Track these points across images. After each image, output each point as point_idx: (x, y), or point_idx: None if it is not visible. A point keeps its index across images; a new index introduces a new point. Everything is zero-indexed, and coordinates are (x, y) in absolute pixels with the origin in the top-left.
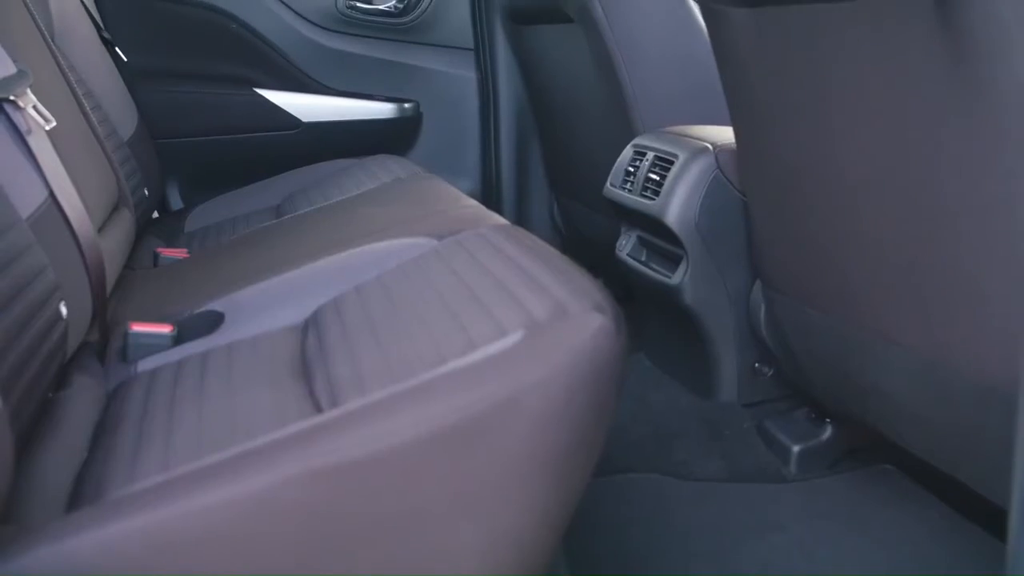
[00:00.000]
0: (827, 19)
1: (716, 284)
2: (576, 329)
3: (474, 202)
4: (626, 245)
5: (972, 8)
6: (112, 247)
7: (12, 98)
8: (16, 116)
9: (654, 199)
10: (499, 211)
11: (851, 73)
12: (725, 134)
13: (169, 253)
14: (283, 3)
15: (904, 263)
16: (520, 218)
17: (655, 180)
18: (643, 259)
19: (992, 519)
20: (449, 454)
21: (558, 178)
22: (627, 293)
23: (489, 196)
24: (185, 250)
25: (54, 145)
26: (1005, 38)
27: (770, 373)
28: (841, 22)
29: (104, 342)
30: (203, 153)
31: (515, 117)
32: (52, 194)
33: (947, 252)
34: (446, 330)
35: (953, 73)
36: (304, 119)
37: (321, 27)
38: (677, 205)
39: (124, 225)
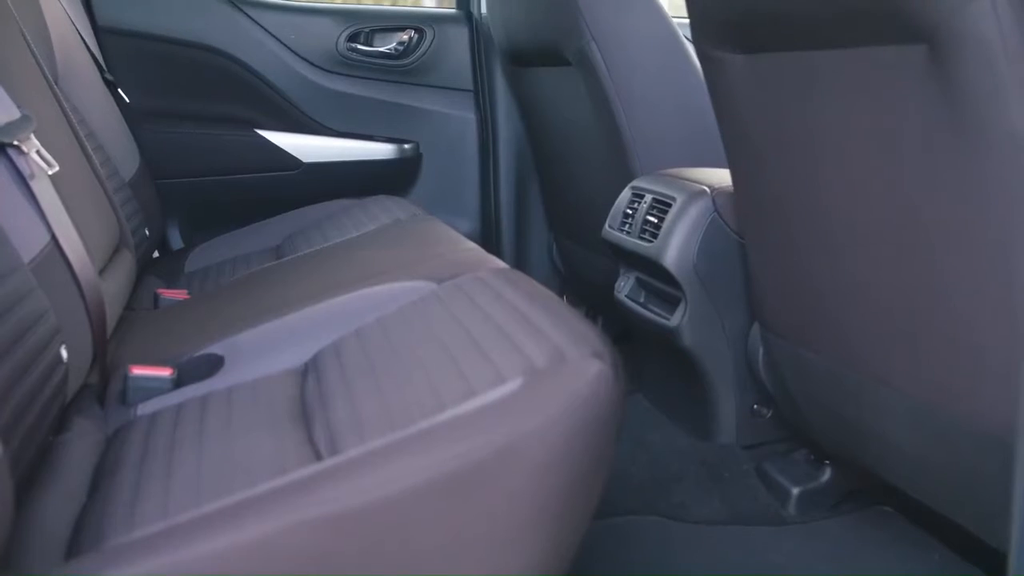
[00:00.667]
0: (821, 66)
1: (714, 326)
2: (575, 376)
3: (473, 245)
4: (625, 286)
5: (966, 60)
6: (113, 289)
7: (16, 143)
8: (20, 161)
9: (652, 241)
10: (498, 251)
11: (845, 119)
12: (722, 177)
13: (169, 294)
14: (284, 45)
15: (899, 307)
16: (519, 258)
17: (653, 222)
18: (642, 300)
19: (992, 562)
20: (449, 502)
21: (557, 219)
22: (626, 333)
23: (488, 237)
24: (185, 291)
25: (57, 189)
26: (998, 89)
27: (769, 415)
28: (835, 69)
29: (104, 385)
30: (204, 193)
31: (514, 158)
32: (54, 238)
33: (941, 297)
34: (445, 376)
35: (946, 121)
36: (304, 159)
37: (322, 69)
38: (675, 248)
39: (125, 266)
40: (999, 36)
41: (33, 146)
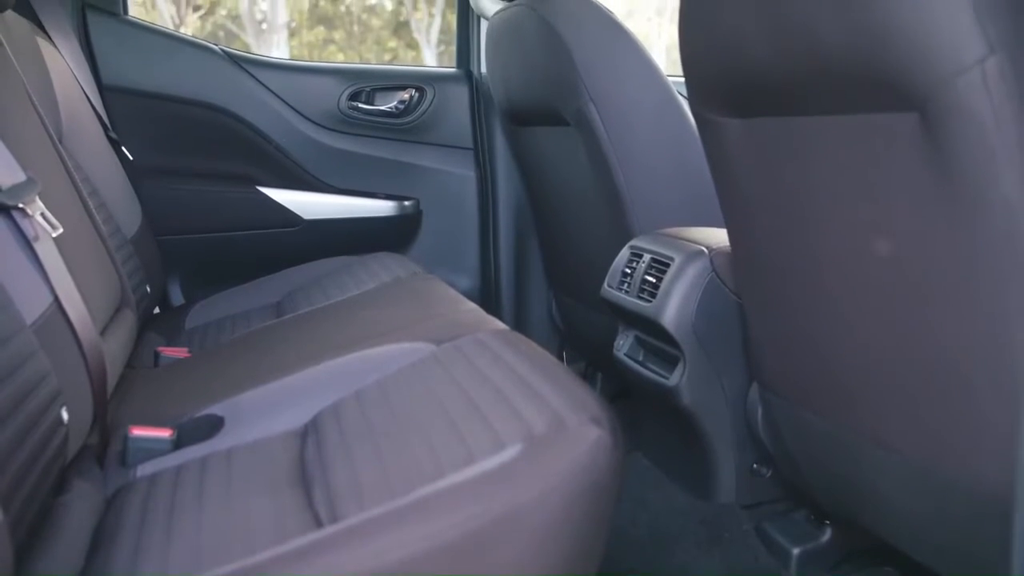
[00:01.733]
0: (816, 131)
1: (713, 386)
2: (574, 442)
3: (473, 305)
4: (624, 345)
5: (957, 130)
6: (114, 349)
7: (21, 206)
8: (24, 223)
9: (651, 301)
10: (497, 308)
11: (839, 182)
12: (720, 237)
13: (170, 352)
14: (286, 103)
15: (895, 369)
16: (519, 316)
17: (651, 282)
18: (640, 359)
19: None
20: (449, 570)
21: (556, 276)
22: (625, 390)
23: (488, 294)
24: (186, 349)
25: (60, 250)
26: (990, 160)
27: (768, 474)
28: (829, 134)
29: (104, 445)
30: (205, 249)
31: (514, 215)
32: (57, 300)
33: (937, 358)
34: (445, 441)
35: (939, 188)
36: (305, 216)
37: (323, 127)
38: (673, 308)
39: (126, 325)
40: (990, 108)
41: (38, 208)
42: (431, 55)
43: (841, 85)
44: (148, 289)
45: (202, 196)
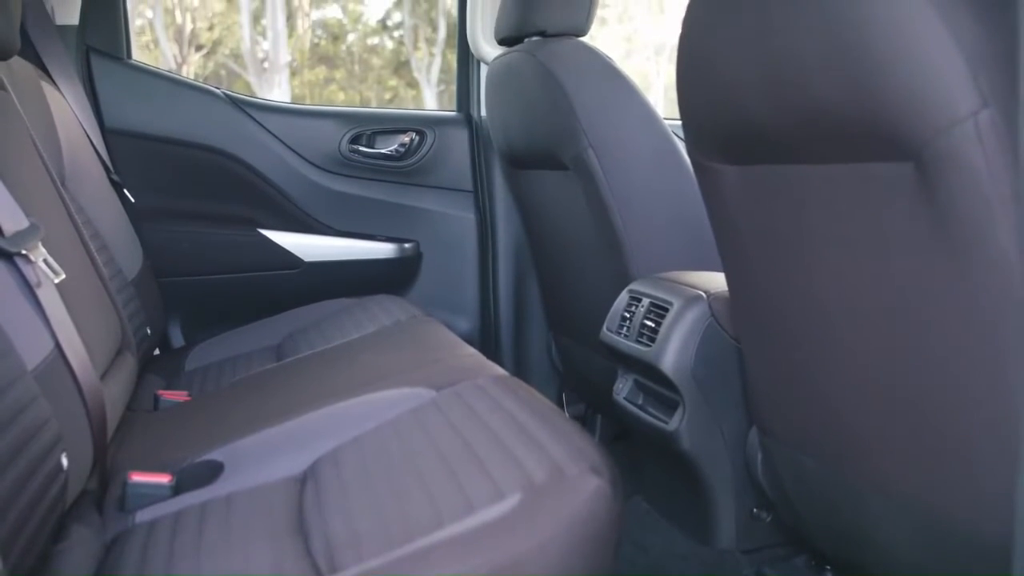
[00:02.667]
0: (812, 179)
1: (713, 430)
2: (573, 493)
3: (472, 350)
4: (623, 389)
5: (951, 180)
6: (114, 393)
7: (24, 252)
8: (27, 269)
9: (650, 346)
10: (497, 350)
11: (836, 229)
12: (719, 281)
13: (169, 396)
14: (288, 147)
15: (893, 414)
16: (518, 357)
17: (650, 326)
18: (640, 403)
19: None
20: None
21: (556, 318)
22: (625, 432)
23: (487, 336)
24: (185, 392)
25: (62, 295)
26: (985, 210)
27: (768, 519)
28: (826, 182)
29: (103, 490)
30: (205, 291)
31: (513, 257)
32: (58, 345)
33: (935, 407)
34: (444, 490)
35: (935, 237)
36: (306, 259)
37: (324, 170)
38: (672, 353)
39: (127, 369)
40: (983, 158)
41: (40, 255)
42: (431, 94)
43: (836, 135)
44: (148, 331)
45: (203, 238)
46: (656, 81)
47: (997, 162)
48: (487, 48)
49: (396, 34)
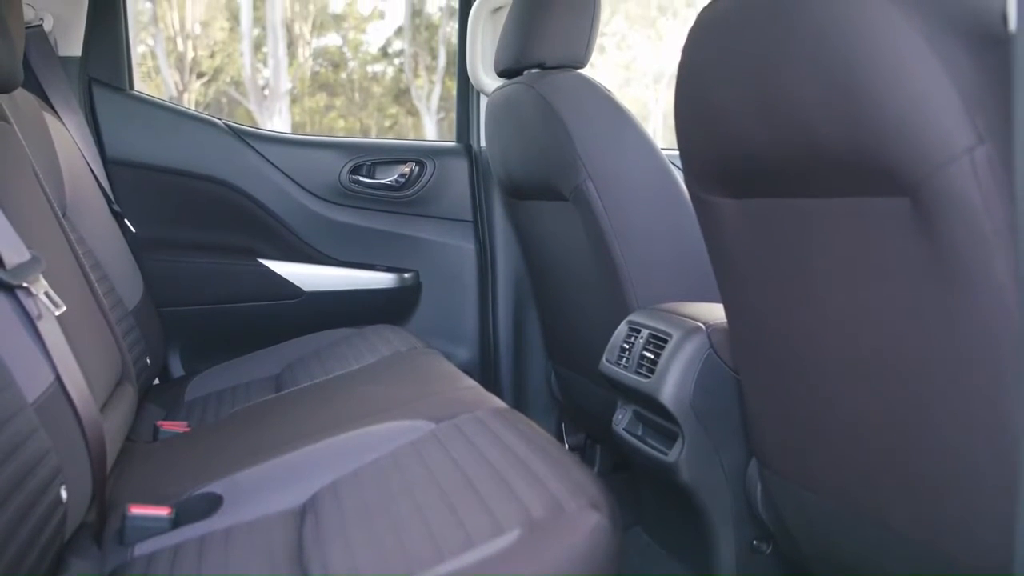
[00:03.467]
0: (810, 212)
1: (712, 462)
2: (572, 528)
3: (472, 382)
4: (622, 420)
5: (948, 217)
6: (114, 425)
7: (25, 285)
8: (28, 302)
9: (649, 377)
10: (496, 380)
11: (834, 262)
12: (718, 312)
13: (169, 427)
14: (288, 177)
15: (892, 447)
16: (517, 387)
17: (650, 358)
18: (639, 434)
19: None
20: None
21: (555, 348)
22: (624, 462)
23: (487, 365)
24: (185, 423)
25: (63, 327)
26: (982, 246)
27: (769, 551)
28: (824, 216)
29: (102, 523)
30: (206, 321)
31: (512, 287)
32: (58, 377)
33: (934, 436)
34: (443, 524)
35: (933, 272)
36: (306, 288)
37: (325, 200)
38: (672, 384)
39: (126, 400)
40: (979, 196)
41: (42, 287)
42: (431, 122)
43: (834, 170)
44: (148, 361)
45: (203, 268)
46: (655, 108)
47: (993, 198)
48: (487, 80)
49: (396, 62)
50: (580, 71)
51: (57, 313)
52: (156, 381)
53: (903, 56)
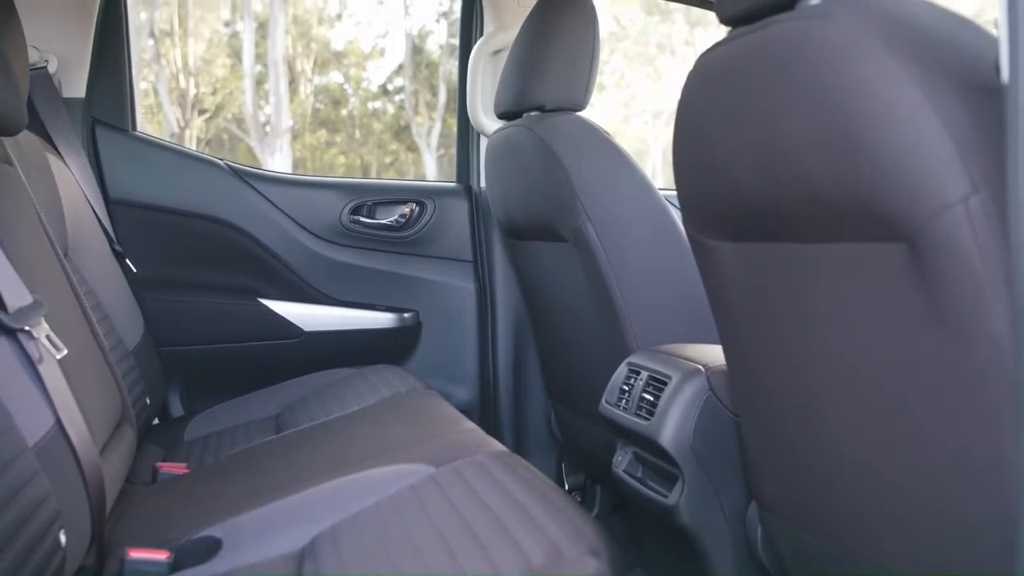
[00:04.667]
0: (807, 256)
1: (712, 505)
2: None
3: (472, 425)
4: (622, 461)
5: (944, 264)
6: (113, 467)
7: (27, 328)
8: (29, 345)
9: (649, 419)
10: (496, 420)
11: (832, 306)
12: (717, 354)
13: (168, 468)
14: (289, 217)
15: (892, 491)
16: (517, 427)
17: (649, 400)
18: (639, 476)
19: None
20: None
21: (555, 388)
22: (624, 502)
23: (486, 405)
24: (184, 464)
25: (64, 370)
26: (978, 294)
27: None
28: (821, 260)
29: (100, 567)
30: (205, 361)
31: (512, 327)
32: (59, 421)
33: (932, 484)
34: (443, 570)
35: (929, 318)
36: (306, 328)
37: (325, 240)
38: (671, 427)
39: (126, 441)
40: (975, 243)
41: (43, 331)
42: (431, 159)
43: (831, 217)
44: (148, 401)
45: (204, 308)
46: (654, 145)
47: (989, 246)
48: (487, 121)
49: (397, 99)
50: (579, 114)
51: (58, 356)
52: (155, 421)
53: (898, 105)
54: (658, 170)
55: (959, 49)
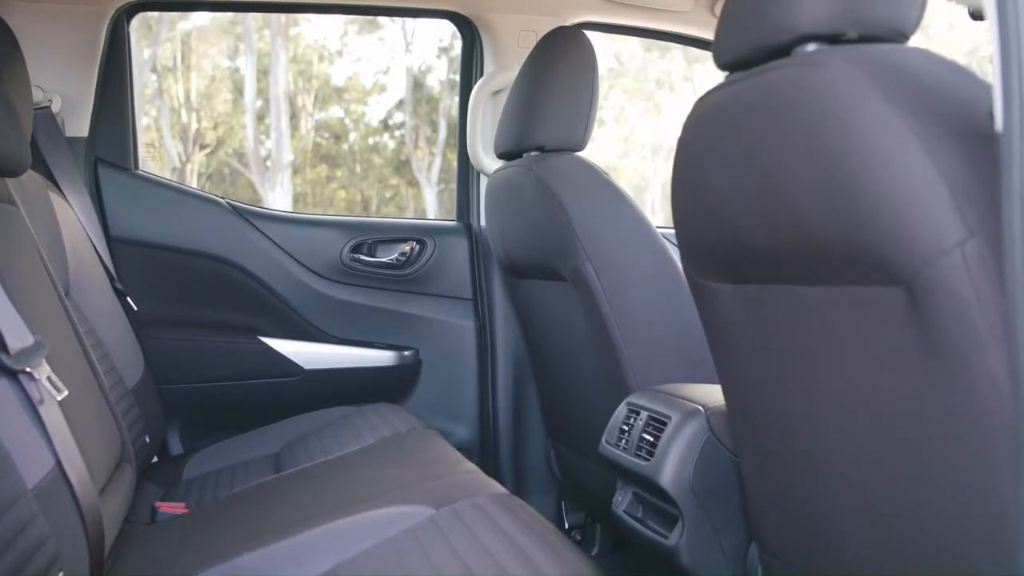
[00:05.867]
0: (806, 299)
1: (713, 546)
2: None
3: (472, 466)
4: (622, 501)
5: (941, 308)
6: (112, 508)
7: (28, 370)
8: (30, 387)
9: (648, 460)
10: (495, 459)
11: (831, 348)
12: (717, 394)
13: (167, 508)
14: (290, 255)
15: (893, 533)
16: (517, 466)
17: (649, 440)
18: (639, 516)
19: None
20: None
21: (555, 426)
22: (624, 540)
23: (486, 443)
24: (183, 504)
25: (64, 411)
26: (975, 338)
27: None
28: (819, 303)
29: None
30: (205, 399)
31: (512, 365)
32: (59, 462)
33: (932, 526)
34: None
35: (927, 360)
36: (306, 366)
37: (326, 278)
38: (671, 467)
39: (125, 481)
40: (971, 288)
41: (44, 372)
42: (431, 193)
43: (828, 260)
44: (147, 439)
45: (204, 346)
46: (653, 180)
47: (985, 291)
48: (487, 160)
49: (397, 134)
50: (579, 154)
51: (59, 398)
52: (155, 459)
53: (894, 152)
54: (657, 205)
55: (954, 97)
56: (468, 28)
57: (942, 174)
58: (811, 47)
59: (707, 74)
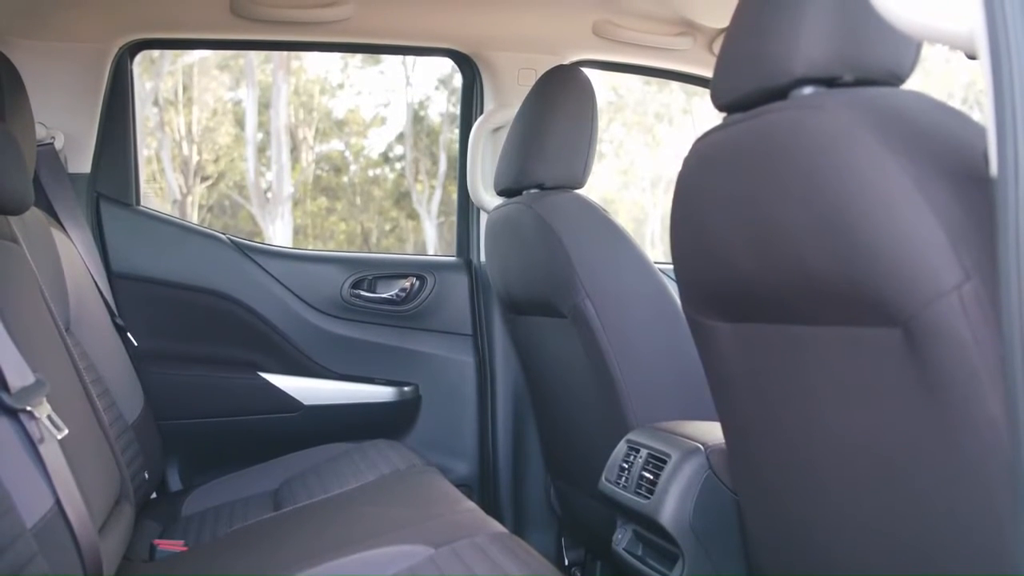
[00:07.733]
0: (804, 338)
1: None
2: None
3: (471, 504)
4: (622, 539)
5: (939, 350)
6: (111, 546)
7: (28, 409)
8: (30, 426)
9: (648, 498)
10: (495, 495)
11: (830, 387)
12: (717, 432)
13: (166, 546)
14: (290, 291)
15: (893, 570)
16: (516, 502)
17: (649, 478)
18: (640, 554)
19: None
20: None
21: (555, 463)
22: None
23: (486, 480)
24: (182, 542)
25: (63, 449)
26: (974, 379)
27: None
28: (818, 343)
29: None
30: (204, 434)
31: (512, 401)
32: (58, 501)
33: (933, 566)
34: None
35: (926, 401)
36: (305, 402)
37: (326, 314)
38: (671, 506)
39: (125, 519)
40: (969, 330)
41: (45, 410)
42: (431, 226)
43: (826, 301)
44: (146, 475)
45: (204, 381)
46: (652, 212)
47: (983, 333)
48: (487, 197)
49: (398, 166)
50: (578, 191)
51: (59, 436)
52: (154, 495)
53: (891, 195)
54: (656, 238)
55: (949, 140)
56: (468, 66)
57: (938, 217)
58: (807, 90)
59: (706, 107)
